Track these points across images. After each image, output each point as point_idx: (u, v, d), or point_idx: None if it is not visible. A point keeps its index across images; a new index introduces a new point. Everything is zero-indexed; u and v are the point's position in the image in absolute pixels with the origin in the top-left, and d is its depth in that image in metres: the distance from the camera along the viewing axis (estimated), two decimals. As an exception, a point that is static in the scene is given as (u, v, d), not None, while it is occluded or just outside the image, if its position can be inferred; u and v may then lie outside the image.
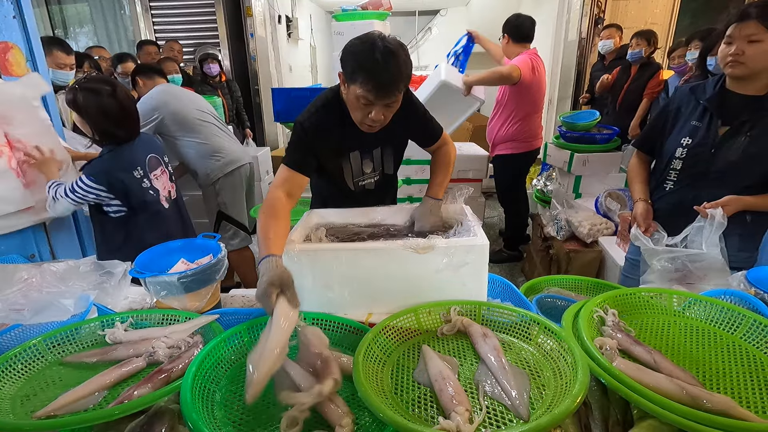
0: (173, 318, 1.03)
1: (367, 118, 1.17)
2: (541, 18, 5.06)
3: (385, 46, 1.08)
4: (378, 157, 1.41)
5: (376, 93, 1.10)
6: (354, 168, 1.38)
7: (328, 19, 7.77)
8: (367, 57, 1.08)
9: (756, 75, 1.30)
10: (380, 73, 1.08)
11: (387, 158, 1.43)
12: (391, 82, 1.10)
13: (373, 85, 1.09)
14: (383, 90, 1.10)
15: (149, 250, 1.25)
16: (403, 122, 1.33)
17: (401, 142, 1.45)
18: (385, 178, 1.47)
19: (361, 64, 1.09)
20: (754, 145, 1.32)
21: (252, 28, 4.93)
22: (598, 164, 3.16)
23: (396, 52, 1.09)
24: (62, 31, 5.04)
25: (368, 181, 1.43)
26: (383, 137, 1.33)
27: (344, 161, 1.36)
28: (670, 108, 1.52)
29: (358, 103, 1.14)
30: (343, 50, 1.15)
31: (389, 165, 1.44)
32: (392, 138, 1.38)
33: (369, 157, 1.39)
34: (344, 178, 1.39)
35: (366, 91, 1.10)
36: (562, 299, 1.23)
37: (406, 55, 1.12)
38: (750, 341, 0.86)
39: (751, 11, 1.24)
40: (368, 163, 1.39)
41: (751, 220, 1.39)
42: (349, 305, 1.04)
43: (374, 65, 1.08)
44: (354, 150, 1.35)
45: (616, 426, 0.73)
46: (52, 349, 0.92)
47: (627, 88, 3.41)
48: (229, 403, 0.77)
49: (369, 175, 1.42)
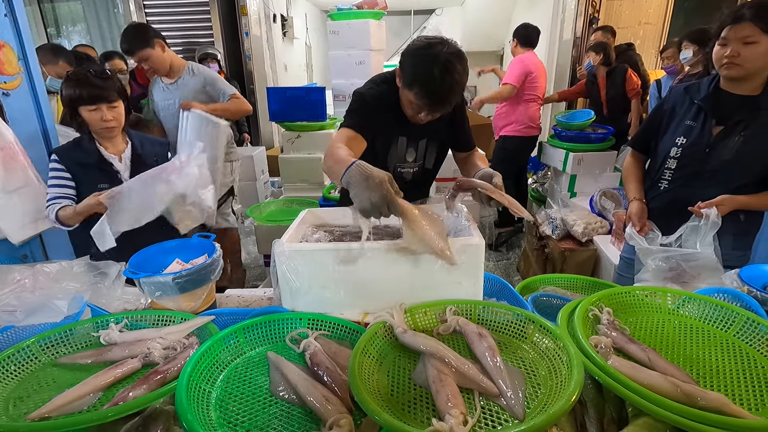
0: (168, 319, 1.02)
1: (418, 117, 1.24)
2: (536, 18, 5.10)
3: (445, 61, 1.09)
4: (422, 149, 1.44)
5: (429, 107, 1.16)
6: (399, 152, 1.42)
7: (324, 18, 7.75)
8: (425, 70, 1.10)
9: (751, 75, 1.31)
10: (435, 90, 1.12)
11: (430, 152, 1.46)
12: (444, 99, 1.14)
13: (426, 101, 1.14)
14: (436, 105, 1.16)
15: (143, 250, 1.24)
16: (450, 121, 1.40)
17: (446, 140, 1.48)
18: (424, 172, 1.50)
19: (418, 77, 1.12)
20: (748, 145, 1.33)
21: (247, 27, 4.91)
22: (593, 163, 3.19)
23: (453, 67, 1.10)
24: (54, 30, 5.00)
25: (407, 171, 1.46)
26: (430, 130, 1.38)
27: (393, 142, 1.39)
28: (664, 107, 1.53)
29: (412, 106, 1.21)
30: (406, 50, 1.17)
31: (431, 160, 1.48)
32: (438, 133, 1.42)
33: (414, 147, 1.43)
34: (387, 158, 1.42)
35: (419, 101, 1.15)
36: (557, 298, 1.24)
37: (463, 68, 1.13)
38: (743, 339, 0.87)
39: (745, 13, 1.25)
40: (411, 153, 1.43)
41: (744, 219, 1.41)
42: (345, 305, 1.04)
43: (431, 81, 1.10)
44: (402, 135, 1.39)
45: (612, 424, 0.73)
46: (45, 351, 0.92)
47: (607, 97, 3.51)
48: (225, 404, 0.76)
49: (410, 165, 1.45)
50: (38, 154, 1.72)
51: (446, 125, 1.42)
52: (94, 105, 1.50)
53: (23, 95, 1.68)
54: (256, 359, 0.89)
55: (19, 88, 1.66)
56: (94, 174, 1.57)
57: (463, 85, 1.15)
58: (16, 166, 1.56)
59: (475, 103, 3.59)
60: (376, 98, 1.31)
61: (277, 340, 0.95)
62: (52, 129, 1.81)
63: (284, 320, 0.98)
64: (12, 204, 1.57)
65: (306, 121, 3.15)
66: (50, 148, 1.80)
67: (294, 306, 1.05)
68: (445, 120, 1.39)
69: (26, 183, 1.60)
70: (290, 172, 3.23)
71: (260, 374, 0.84)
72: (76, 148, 1.59)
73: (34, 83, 1.71)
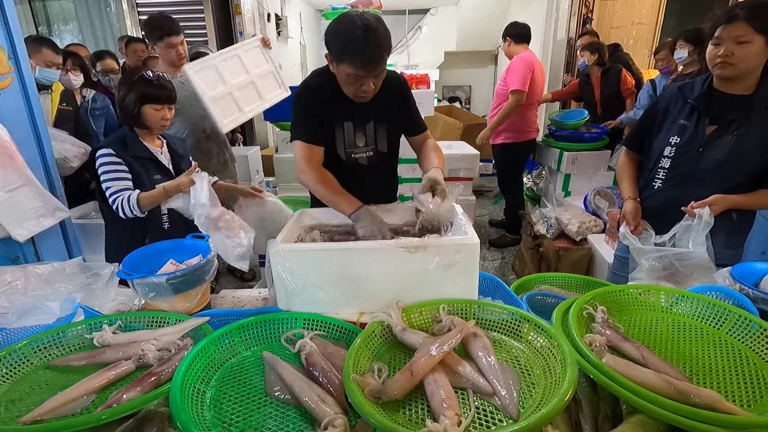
0: (163, 320, 1.02)
1: (360, 91, 1.26)
2: (530, 17, 5.11)
3: (363, 21, 1.16)
4: (371, 133, 1.46)
5: (365, 68, 1.20)
6: (347, 138, 1.44)
7: (318, 18, 7.73)
8: (350, 37, 1.17)
9: (744, 75, 1.32)
10: (364, 49, 1.17)
11: (380, 135, 1.47)
12: (375, 56, 1.19)
13: (360, 63, 1.19)
14: (370, 64, 1.20)
15: (137, 251, 1.23)
16: (396, 104, 1.43)
17: (394, 123, 1.50)
18: (379, 156, 1.50)
19: (346, 45, 1.19)
20: (741, 144, 1.34)
21: (241, 26, 4.89)
22: (587, 162, 3.20)
23: (375, 28, 1.16)
24: (46, 29, 4.95)
25: (361, 155, 1.47)
26: (375, 112, 1.41)
27: (337, 129, 1.42)
28: (658, 107, 1.53)
29: (350, 79, 1.24)
30: (326, 32, 1.23)
31: (382, 143, 1.49)
32: (384, 115, 1.44)
33: (362, 132, 1.44)
34: (336, 146, 1.44)
35: (355, 68, 1.20)
36: (552, 297, 1.24)
37: (384, 28, 1.20)
38: (735, 336, 0.88)
39: (739, 13, 1.25)
40: (361, 137, 1.45)
41: (737, 218, 1.42)
42: (341, 305, 1.04)
43: (356, 44, 1.16)
44: (347, 121, 1.41)
45: (606, 421, 0.74)
46: (38, 353, 0.91)
47: (601, 96, 3.52)
48: (220, 404, 0.76)
49: (361, 149, 1.46)
50: (30, 155, 1.71)
51: (395, 109, 1.45)
52: (160, 105, 1.64)
53: (14, 95, 1.66)
54: (252, 359, 0.89)
55: (9, 88, 1.64)
56: (148, 166, 1.68)
57: (389, 43, 1.21)
58: (14, 164, 1.56)
59: (478, 140, 3.40)
60: (311, 90, 1.37)
61: (272, 340, 0.95)
62: (44, 129, 1.79)
63: (280, 320, 0.97)
64: (14, 202, 1.56)
65: (300, 121, 3.14)
66: (43, 148, 1.78)
67: (289, 306, 1.04)
68: (393, 103, 1.43)
69: (26, 182, 1.60)
70: (285, 172, 3.22)
71: (255, 374, 0.84)
72: (123, 143, 1.64)
73: (25, 83, 1.69)
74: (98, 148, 1.61)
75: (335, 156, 1.45)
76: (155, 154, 1.72)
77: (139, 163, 1.65)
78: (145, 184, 1.64)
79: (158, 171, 1.71)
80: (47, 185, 1.79)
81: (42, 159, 1.79)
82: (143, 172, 1.66)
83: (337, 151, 1.44)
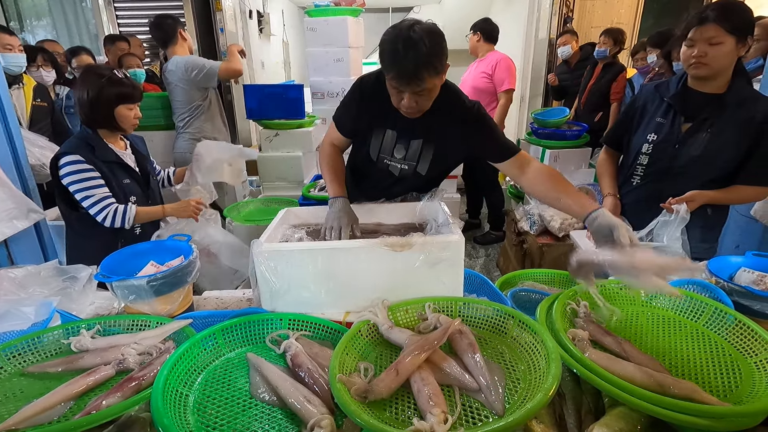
0: (143, 323, 0.99)
1: (401, 105, 1.24)
2: (511, 16, 5.15)
3: (407, 36, 1.11)
4: (415, 150, 1.39)
5: (400, 82, 1.17)
6: (384, 144, 1.41)
7: (301, 15, 7.65)
8: (390, 48, 1.14)
9: (716, 74, 1.36)
10: (400, 63, 1.13)
11: (424, 157, 1.39)
12: (411, 71, 1.14)
13: (395, 75, 1.16)
14: (406, 79, 1.15)
15: (116, 253, 1.20)
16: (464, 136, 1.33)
17: (447, 151, 1.40)
18: (416, 176, 1.42)
19: (386, 56, 1.17)
20: (715, 141, 1.38)
21: (222, 23, 4.79)
22: (569, 160, 3.25)
23: (417, 42, 1.10)
24: (17, 24, 4.78)
25: (394, 165, 1.43)
26: (428, 132, 1.35)
27: (377, 131, 1.40)
28: (636, 105, 1.57)
29: (393, 90, 1.22)
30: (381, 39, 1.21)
31: (424, 164, 1.40)
32: (437, 139, 1.36)
33: (404, 145, 1.39)
34: (370, 146, 1.42)
35: (392, 80, 1.18)
36: (536, 293, 1.26)
37: (432, 43, 1.12)
38: (711, 328, 0.90)
39: (710, 14, 1.29)
40: (401, 149, 1.40)
41: (711, 212, 1.46)
42: (326, 304, 1.03)
43: (395, 57, 1.13)
44: (392, 129, 1.39)
45: (589, 414, 0.75)
46: (11, 359, 0.88)
47: (590, 88, 3.54)
48: (204, 408, 0.75)
49: (397, 160, 1.42)
50: (1, 154, 1.65)
51: (458, 139, 1.35)
52: (133, 104, 1.62)
53: (-18, 93, 1.60)
54: (236, 361, 0.88)
55: (-23, 85, 1.58)
56: (116, 171, 1.64)
57: (432, 61, 1.14)
58: None
59: None
60: (370, 87, 1.34)
61: (257, 341, 0.94)
62: (16, 127, 1.73)
63: (264, 321, 0.96)
64: None
65: (284, 119, 3.11)
66: (15, 147, 1.73)
67: (274, 307, 1.03)
68: (458, 134, 1.33)
69: None
70: (269, 171, 3.17)
71: (240, 376, 0.83)
72: (89, 147, 1.57)
73: (-5, 80, 1.64)
74: (62, 153, 1.53)
75: (366, 155, 1.44)
76: (122, 157, 1.67)
77: (107, 168, 1.60)
78: (114, 188, 1.60)
79: (126, 174, 1.67)
80: (20, 186, 1.73)
81: (14, 158, 1.73)
82: (112, 177, 1.61)
83: (370, 152, 1.43)
